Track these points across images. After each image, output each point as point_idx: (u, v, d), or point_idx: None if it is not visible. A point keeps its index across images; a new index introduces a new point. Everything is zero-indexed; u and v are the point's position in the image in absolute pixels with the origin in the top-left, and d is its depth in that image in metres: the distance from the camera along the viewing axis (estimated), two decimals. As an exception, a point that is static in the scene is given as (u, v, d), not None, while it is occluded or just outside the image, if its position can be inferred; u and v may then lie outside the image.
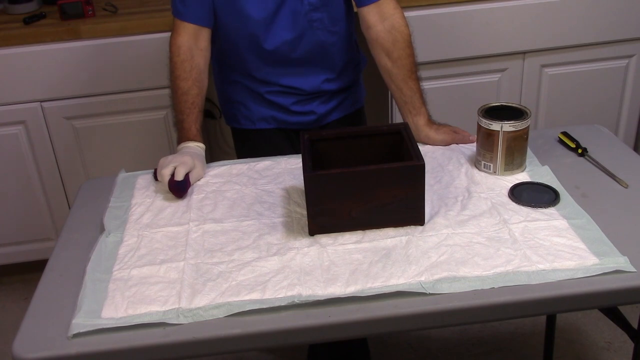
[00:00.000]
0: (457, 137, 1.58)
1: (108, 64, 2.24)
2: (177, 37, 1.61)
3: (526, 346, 2.15)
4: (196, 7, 1.59)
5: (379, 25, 1.60)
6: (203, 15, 1.60)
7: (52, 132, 2.32)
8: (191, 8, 1.59)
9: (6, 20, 2.33)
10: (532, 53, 2.39)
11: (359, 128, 1.49)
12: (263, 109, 1.74)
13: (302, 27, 1.61)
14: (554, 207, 1.30)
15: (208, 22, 1.61)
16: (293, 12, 1.59)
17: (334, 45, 1.67)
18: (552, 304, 1.11)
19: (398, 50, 1.59)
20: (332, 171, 1.22)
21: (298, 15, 1.59)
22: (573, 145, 1.53)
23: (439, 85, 2.36)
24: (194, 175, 1.47)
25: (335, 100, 1.76)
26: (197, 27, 1.60)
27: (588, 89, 2.48)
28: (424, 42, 1.62)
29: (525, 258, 1.16)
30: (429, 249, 1.20)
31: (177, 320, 1.08)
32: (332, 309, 1.08)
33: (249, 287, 1.14)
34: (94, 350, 1.05)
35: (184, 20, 1.60)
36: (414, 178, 1.23)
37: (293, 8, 1.58)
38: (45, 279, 1.22)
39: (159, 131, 2.37)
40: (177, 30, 1.61)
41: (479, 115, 1.42)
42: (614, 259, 1.14)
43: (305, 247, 1.23)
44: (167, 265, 1.21)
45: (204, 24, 1.61)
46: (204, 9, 1.59)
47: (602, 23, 2.36)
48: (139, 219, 1.37)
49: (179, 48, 1.60)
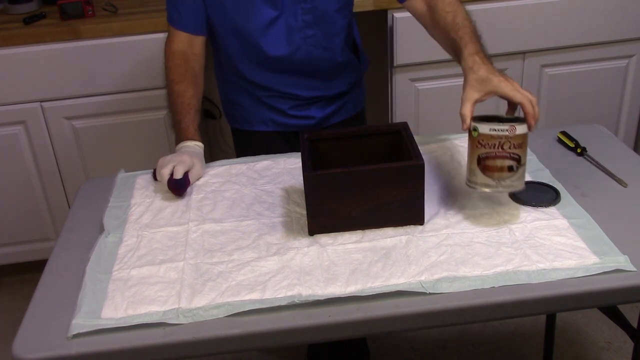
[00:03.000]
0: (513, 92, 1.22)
1: (108, 64, 2.24)
2: (171, 45, 1.61)
3: (526, 346, 2.15)
4: (190, 16, 1.59)
5: (422, 6, 1.48)
6: (197, 24, 1.60)
7: (52, 132, 2.32)
8: (185, 17, 1.59)
9: (6, 20, 2.33)
10: (532, 53, 2.39)
11: (359, 128, 1.48)
12: (261, 112, 1.74)
13: (296, 44, 1.60)
14: (555, 206, 1.30)
15: (202, 31, 1.61)
16: (287, 27, 1.58)
17: (330, 58, 1.66)
18: (553, 303, 1.10)
19: (437, 14, 1.41)
20: (331, 171, 1.22)
21: (292, 30, 1.59)
22: (572, 145, 1.53)
23: (439, 85, 2.36)
24: (193, 173, 1.47)
25: (335, 104, 1.75)
26: (191, 35, 1.61)
27: (588, 89, 2.48)
28: (424, 42, 1.62)
29: (525, 257, 1.16)
30: (429, 249, 1.20)
31: (177, 320, 1.08)
32: (332, 309, 1.08)
33: (249, 287, 1.14)
34: (94, 351, 1.05)
35: (177, 28, 1.60)
36: (414, 178, 1.23)
37: (287, 23, 1.58)
38: (45, 279, 1.22)
39: (158, 131, 2.37)
40: (171, 38, 1.62)
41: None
42: (614, 258, 1.14)
43: (305, 247, 1.23)
44: (167, 265, 1.21)
45: (198, 32, 1.61)
46: (198, 18, 1.59)
47: (602, 23, 2.36)
48: (138, 219, 1.37)
49: (173, 54, 1.60)
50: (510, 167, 1.21)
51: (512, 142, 1.20)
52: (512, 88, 1.22)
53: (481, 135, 1.21)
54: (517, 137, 1.20)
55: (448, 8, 1.40)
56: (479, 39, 1.33)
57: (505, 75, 1.24)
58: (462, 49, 1.29)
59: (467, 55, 1.27)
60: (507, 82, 1.22)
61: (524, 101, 1.21)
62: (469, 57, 1.26)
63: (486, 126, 1.20)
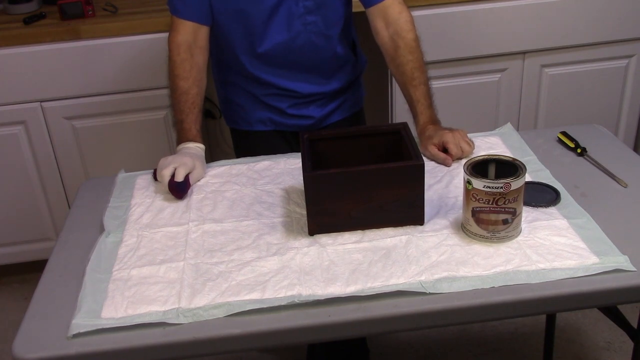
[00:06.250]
0: (437, 154, 1.49)
1: (108, 64, 2.24)
2: (176, 36, 1.60)
3: (526, 346, 2.15)
4: (195, 5, 1.59)
5: (384, 31, 1.60)
6: (201, 13, 1.60)
7: (52, 132, 2.32)
8: (190, 6, 1.59)
9: (6, 20, 2.33)
10: (532, 53, 2.39)
11: (359, 128, 1.49)
12: (260, 111, 1.74)
13: (296, 30, 1.61)
14: (555, 206, 1.30)
15: (206, 20, 1.61)
16: (288, 13, 1.59)
17: (329, 48, 1.67)
18: (552, 303, 1.10)
19: (399, 57, 1.58)
20: (331, 171, 1.22)
21: (293, 17, 1.59)
22: (572, 145, 1.53)
23: (439, 85, 2.36)
24: (194, 176, 1.47)
25: (333, 103, 1.76)
26: (196, 25, 1.60)
27: (588, 89, 2.48)
28: (424, 42, 1.62)
29: (525, 257, 1.16)
30: (429, 249, 1.20)
31: (177, 320, 1.08)
32: (332, 309, 1.08)
33: (249, 287, 1.14)
34: (94, 350, 1.05)
35: (182, 18, 1.60)
36: (413, 178, 1.23)
37: (289, 9, 1.58)
38: (44, 279, 1.22)
39: (158, 131, 2.37)
40: (175, 29, 1.61)
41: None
42: (614, 258, 1.14)
43: (305, 247, 1.23)
44: (167, 265, 1.21)
45: (202, 22, 1.61)
46: (203, 7, 1.59)
47: (602, 23, 2.36)
48: (138, 219, 1.37)
49: (179, 46, 1.59)
50: (505, 220, 1.18)
51: (507, 197, 1.16)
52: (451, 138, 1.48)
53: (475, 189, 1.17)
54: (512, 192, 1.16)
55: (409, 56, 1.58)
56: (431, 97, 1.58)
57: (450, 128, 1.52)
58: (417, 115, 1.57)
59: (422, 123, 1.55)
60: (450, 134, 1.49)
61: (453, 150, 1.47)
62: (424, 125, 1.55)
63: (480, 182, 1.16)
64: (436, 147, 1.49)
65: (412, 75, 1.57)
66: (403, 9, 1.60)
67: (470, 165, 1.21)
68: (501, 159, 1.23)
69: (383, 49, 1.63)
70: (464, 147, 1.48)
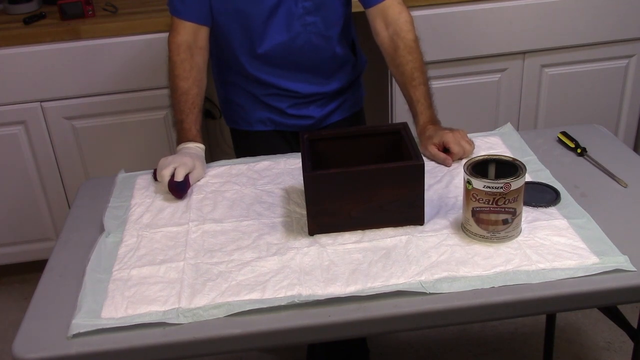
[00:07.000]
0: (437, 154, 1.49)
1: (108, 64, 2.24)
2: (176, 36, 1.61)
3: (526, 346, 2.15)
4: (195, 5, 1.59)
5: (384, 32, 1.60)
6: (202, 13, 1.60)
7: (52, 132, 2.32)
8: (190, 7, 1.59)
9: (6, 20, 2.33)
10: (532, 53, 2.39)
11: (358, 128, 1.49)
12: (260, 111, 1.74)
13: (296, 30, 1.61)
14: (555, 206, 1.30)
15: (206, 20, 1.61)
16: (288, 14, 1.59)
17: (328, 49, 1.67)
18: (552, 303, 1.10)
19: (399, 57, 1.58)
20: (331, 171, 1.22)
21: (292, 17, 1.59)
22: (572, 145, 1.53)
23: (439, 85, 2.36)
24: (194, 176, 1.47)
25: (333, 103, 1.76)
26: (196, 25, 1.60)
27: (588, 89, 2.48)
28: (424, 42, 1.62)
29: (525, 257, 1.16)
30: (429, 249, 1.20)
31: (177, 320, 1.08)
32: (332, 309, 1.08)
33: (249, 287, 1.14)
34: (93, 350, 1.05)
35: (182, 18, 1.60)
36: (413, 178, 1.23)
37: (288, 10, 1.58)
38: (45, 279, 1.22)
39: (158, 131, 2.37)
40: (175, 29, 1.61)
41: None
42: (614, 258, 1.14)
43: (305, 247, 1.23)
44: (167, 265, 1.21)
45: (202, 22, 1.61)
46: (203, 7, 1.59)
47: (602, 23, 2.36)
48: (138, 219, 1.37)
49: (179, 47, 1.60)
50: (505, 220, 1.18)
51: (507, 197, 1.16)
52: (452, 138, 1.48)
53: (475, 189, 1.17)
54: (512, 192, 1.16)
55: (409, 56, 1.57)
56: (431, 98, 1.58)
57: (450, 128, 1.51)
58: (417, 115, 1.56)
59: (422, 124, 1.55)
60: (450, 133, 1.49)
61: (455, 149, 1.47)
62: (424, 125, 1.54)
63: (480, 182, 1.16)
64: (436, 147, 1.49)
65: (412, 76, 1.57)
66: (403, 10, 1.60)
67: (470, 165, 1.21)
68: (501, 159, 1.23)
69: (383, 50, 1.63)
70: (464, 146, 1.48)
